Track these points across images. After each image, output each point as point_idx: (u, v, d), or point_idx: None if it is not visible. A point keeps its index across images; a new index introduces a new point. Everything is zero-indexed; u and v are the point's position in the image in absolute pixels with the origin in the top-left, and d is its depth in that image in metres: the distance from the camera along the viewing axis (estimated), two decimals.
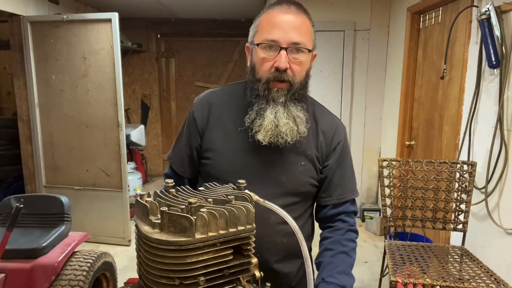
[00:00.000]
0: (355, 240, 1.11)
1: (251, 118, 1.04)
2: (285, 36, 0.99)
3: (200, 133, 1.14)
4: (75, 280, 1.98)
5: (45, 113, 3.46)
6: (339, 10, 3.87)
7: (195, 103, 1.19)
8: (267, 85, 1.02)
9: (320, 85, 3.97)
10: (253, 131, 1.04)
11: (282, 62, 0.98)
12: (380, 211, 3.94)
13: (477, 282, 1.67)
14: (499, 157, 2.05)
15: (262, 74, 1.03)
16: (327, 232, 1.12)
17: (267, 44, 1.01)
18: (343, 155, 1.14)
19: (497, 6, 2.02)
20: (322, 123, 1.13)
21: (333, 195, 1.12)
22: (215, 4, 4.53)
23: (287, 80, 1.01)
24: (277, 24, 1.00)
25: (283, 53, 0.99)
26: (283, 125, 1.01)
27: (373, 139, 4.09)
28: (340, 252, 1.05)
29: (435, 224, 2.12)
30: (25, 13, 3.34)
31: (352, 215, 1.15)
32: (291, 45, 0.99)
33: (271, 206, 0.75)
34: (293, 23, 1.00)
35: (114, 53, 3.23)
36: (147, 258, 0.66)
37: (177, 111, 6.00)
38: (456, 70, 2.56)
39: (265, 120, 1.02)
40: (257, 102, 1.04)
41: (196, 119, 1.15)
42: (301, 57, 1.02)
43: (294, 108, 1.03)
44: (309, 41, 1.03)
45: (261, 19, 1.05)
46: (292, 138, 1.03)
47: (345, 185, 1.14)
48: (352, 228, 1.12)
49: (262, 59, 1.02)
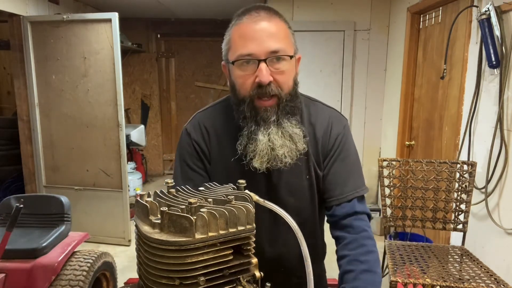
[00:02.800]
0: (374, 249, 0.95)
1: (242, 144, 0.95)
2: (261, 46, 0.89)
3: (208, 157, 1.04)
4: (75, 280, 1.98)
5: (45, 113, 3.46)
6: (339, 10, 3.86)
7: (188, 129, 1.06)
8: (253, 104, 0.92)
9: (320, 85, 3.97)
10: (247, 158, 0.94)
11: (263, 76, 0.88)
12: (380, 211, 3.93)
13: (477, 282, 1.67)
14: (499, 157, 2.05)
15: (244, 93, 0.93)
16: (341, 248, 0.98)
17: (243, 59, 0.91)
18: (342, 148, 1.03)
19: (497, 6, 2.02)
20: (318, 124, 1.04)
21: (334, 195, 1.01)
22: (215, 4, 4.53)
23: (273, 94, 0.91)
24: (249, 36, 0.90)
25: (262, 66, 0.89)
26: (279, 148, 0.92)
27: (373, 139, 4.09)
28: (362, 271, 0.90)
29: (435, 224, 2.12)
30: (25, 13, 3.34)
31: (362, 216, 1.00)
32: (270, 55, 0.89)
33: (271, 206, 0.75)
34: (267, 30, 0.90)
35: (114, 53, 3.22)
36: (147, 258, 0.66)
37: (177, 111, 6.00)
38: (456, 70, 2.56)
39: (259, 145, 0.92)
40: (246, 125, 0.94)
41: (199, 144, 1.04)
42: (284, 65, 0.92)
43: (289, 125, 0.94)
44: (289, 46, 0.93)
45: (232, 34, 0.94)
46: (292, 158, 0.94)
47: (347, 181, 1.01)
48: (365, 235, 0.97)
49: (241, 77, 0.92)
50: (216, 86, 5.80)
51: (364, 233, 0.97)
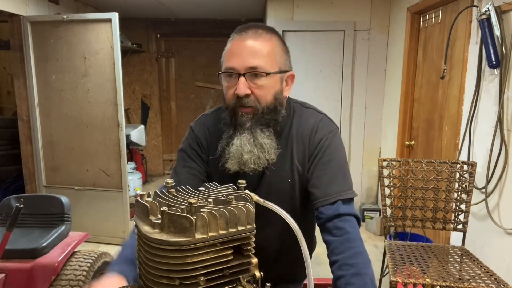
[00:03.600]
0: (362, 250, 0.96)
1: (221, 146, 1.06)
2: (242, 62, 0.99)
3: (206, 152, 1.14)
4: (75, 280, 1.98)
5: (45, 113, 3.46)
6: (339, 10, 3.87)
7: (193, 126, 1.19)
8: (234, 111, 1.03)
9: (320, 85, 3.97)
10: (223, 159, 1.05)
11: (240, 89, 0.99)
12: (380, 211, 3.94)
13: (477, 282, 1.67)
14: (499, 157, 2.05)
15: (228, 102, 1.04)
16: (330, 253, 0.99)
17: (227, 72, 1.02)
18: (325, 152, 1.07)
19: (497, 6, 2.02)
20: (306, 129, 1.10)
21: (317, 197, 1.04)
22: (215, 4, 4.53)
23: (250, 105, 1.01)
24: (235, 52, 1.01)
25: (241, 79, 0.99)
26: (246, 153, 1.01)
27: (373, 139, 4.09)
28: (352, 275, 0.92)
29: (435, 224, 2.12)
30: (25, 13, 3.34)
31: (348, 218, 1.01)
32: (249, 70, 0.99)
33: (271, 206, 0.75)
34: (250, 48, 1.00)
35: (114, 53, 3.23)
36: (147, 258, 0.66)
37: (177, 111, 6.00)
38: (456, 70, 2.56)
39: (231, 148, 1.03)
40: (226, 130, 1.06)
41: (200, 139, 1.15)
42: (262, 81, 1.01)
43: (261, 134, 1.03)
44: (270, 64, 1.01)
45: (226, 48, 1.06)
46: (258, 166, 1.03)
47: (330, 184, 1.04)
48: (350, 237, 0.97)
49: (226, 87, 1.04)
50: (216, 86, 5.80)
51: (348, 235, 0.98)
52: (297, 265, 1.24)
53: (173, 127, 6.03)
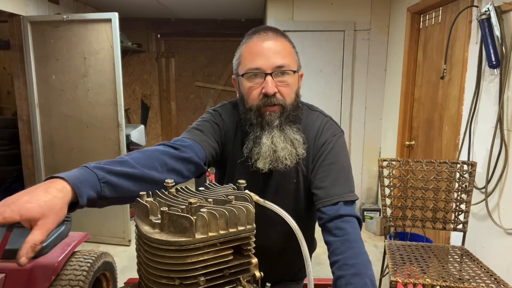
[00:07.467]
0: (362, 251, 0.97)
1: (248, 148, 1.06)
2: (268, 61, 1.01)
3: (223, 140, 1.12)
4: (75, 280, 1.97)
5: (45, 113, 3.46)
6: (339, 10, 3.87)
7: (219, 111, 1.15)
8: (259, 112, 1.04)
9: (320, 85, 3.97)
10: (252, 160, 1.05)
11: (269, 88, 1.00)
12: (380, 211, 3.94)
13: (477, 282, 1.67)
14: (499, 157, 2.05)
15: (252, 103, 1.05)
16: (330, 254, 1.00)
17: (251, 72, 1.03)
18: (328, 154, 1.09)
19: (497, 6, 2.02)
20: (311, 131, 1.12)
21: (320, 198, 1.05)
22: (215, 4, 4.53)
23: (278, 103, 1.03)
24: (258, 52, 1.02)
25: (268, 78, 1.01)
26: (281, 150, 1.02)
27: (373, 139, 4.09)
28: (352, 275, 0.92)
29: (435, 224, 2.12)
30: (25, 13, 3.34)
31: (349, 219, 1.01)
32: (276, 69, 1.01)
33: (271, 206, 0.75)
34: (274, 48, 1.02)
35: (114, 53, 3.22)
36: (147, 258, 0.66)
37: (177, 111, 6.00)
38: (456, 70, 2.56)
39: (262, 148, 1.03)
40: (252, 131, 1.06)
41: (225, 125, 1.13)
42: (288, 79, 1.03)
43: (290, 131, 1.04)
44: (292, 63, 1.05)
45: (242, 51, 1.06)
46: (292, 161, 1.03)
47: (332, 185, 1.05)
48: (351, 237, 0.98)
49: (249, 88, 1.04)
50: (216, 86, 5.81)
51: (349, 236, 0.98)
52: (298, 265, 1.26)
53: (173, 127, 6.03)
